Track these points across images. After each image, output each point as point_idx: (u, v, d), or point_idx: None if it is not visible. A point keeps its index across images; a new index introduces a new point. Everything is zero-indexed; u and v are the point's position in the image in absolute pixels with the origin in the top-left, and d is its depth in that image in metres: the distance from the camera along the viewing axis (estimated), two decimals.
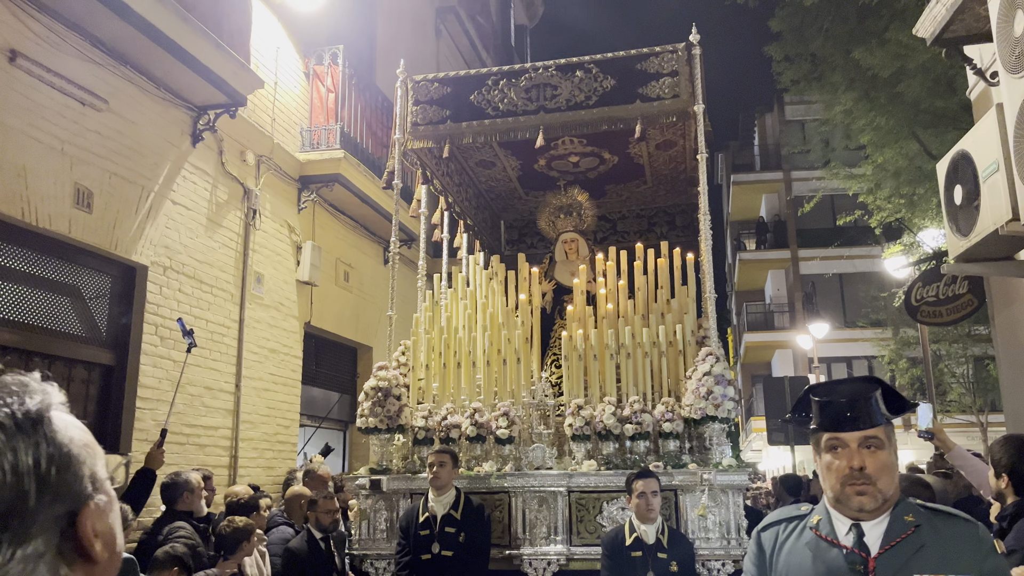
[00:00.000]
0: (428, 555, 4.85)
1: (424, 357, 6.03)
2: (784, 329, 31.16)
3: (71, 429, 0.92)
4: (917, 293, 7.87)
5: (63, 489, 0.87)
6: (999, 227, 5.25)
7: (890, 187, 13.71)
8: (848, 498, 1.93)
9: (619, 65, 5.88)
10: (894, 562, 1.87)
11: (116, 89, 6.28)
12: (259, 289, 8.16)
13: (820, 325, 24.77)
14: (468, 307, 6.37)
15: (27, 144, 5.47)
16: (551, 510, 5.29)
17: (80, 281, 6.20)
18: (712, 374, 5.16)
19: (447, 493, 4.97)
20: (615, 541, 4.63)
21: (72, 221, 5.84)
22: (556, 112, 5.89)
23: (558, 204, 7.24)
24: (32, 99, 5.54)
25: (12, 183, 5.34)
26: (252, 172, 8.12)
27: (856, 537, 1.93)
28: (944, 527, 1.91)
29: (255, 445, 7.96)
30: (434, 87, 6.22)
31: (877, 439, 1.93)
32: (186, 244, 7.09)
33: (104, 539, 0.91)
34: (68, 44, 5.82)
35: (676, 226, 8.03)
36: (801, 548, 2.01)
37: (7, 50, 5.35)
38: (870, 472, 1.90)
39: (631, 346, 5.60)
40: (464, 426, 5.54)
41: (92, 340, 6.26)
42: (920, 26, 6.73)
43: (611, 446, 5.36)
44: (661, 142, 6.78)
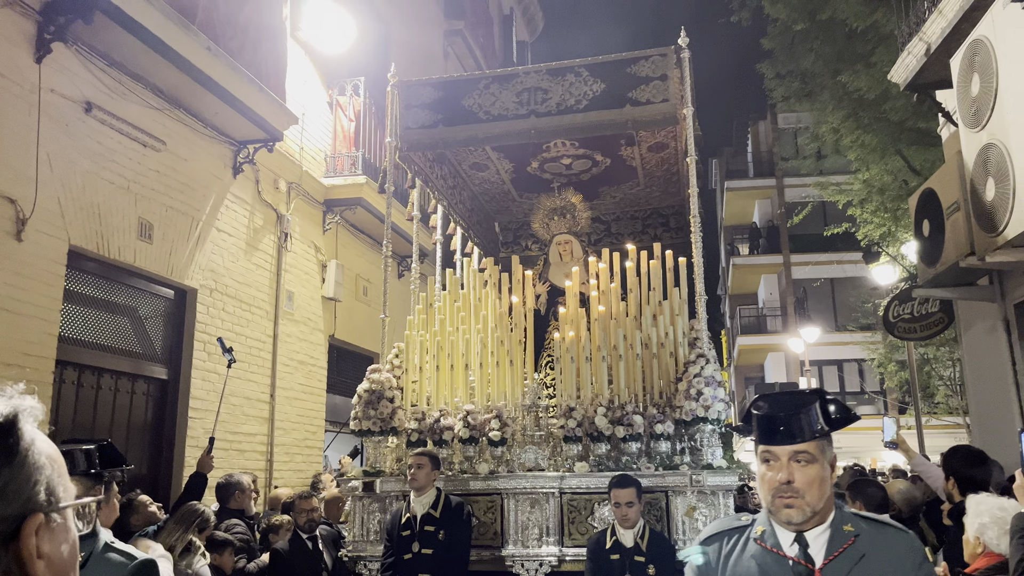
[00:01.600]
0: (409, 555, 4.86)
1: (417, 359, 5.97)
2: (776, 333, 31.67)
3: (39, 439, 0.89)
4: (894, 311, 8.61)
5: (10, 489, 0.83)
6: (960, 259, 5.98)
7: (876, 202, 14.37)
8: (778, 509, 1.98)
9: (609, 69, 5.82)
10: (839, 571, 1.92)
11: (171, 130, 6.98)
12: (290, 306, 8.86)
13: (811, 329, 25.38)
14: (462, 309, 6.36)
15: (100, 185, 6.17)
16: (543, 511, 5.27)
17: (140, 304, 6.89)
18: (703, 376, 5.16)
19: (427, 494, 4.98)
20: (598, 544, 4.69)
21: (136, 251, 6.54)
22: (547, 116, 5.85)
23: (552, 206, 7.25)
24: (103, 144, 6.23)
25: (89, 220, 6.04)
26: (284, 198, 8.82)
27: (801, 548, 1.97)
28: (880, 536, 1.99)
29: (287, 450, 8.65)
30: (426, 91, 6.18)
31: (807, 453, 1.95)
32: (228, 267, 7.79)
33: (50, 564, 0.85)
34: (132, 93, 6.51)
35: (670, 227, 8.01)
36: (747, 559, 2.03)
37: (83, 102, 6.04)
38: (798, 486, 1.94)
39: (623, 348, 5.55)
40: (457, 428, 5.51)
41: (150, 357, 6.95)
42: (894, 73, 7.46)
43: (603, 447, 5.32)
44: (653, 144, 6.76)
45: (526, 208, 7.89)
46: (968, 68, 5.73)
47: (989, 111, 5.40)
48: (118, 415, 6.54)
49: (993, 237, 5.35)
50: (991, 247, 5.41)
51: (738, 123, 39.06)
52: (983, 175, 5.45)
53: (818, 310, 30.52)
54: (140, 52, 6.21)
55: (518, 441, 5.55)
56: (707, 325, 5.60)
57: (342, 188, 9.70)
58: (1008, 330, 6.48)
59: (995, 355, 6.68)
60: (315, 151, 9.62)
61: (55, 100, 5.76)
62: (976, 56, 5.60)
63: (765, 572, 1.98)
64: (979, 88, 5.54)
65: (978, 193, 5.56)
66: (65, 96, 5.87)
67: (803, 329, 25.35)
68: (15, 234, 5.36)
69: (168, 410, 7.05)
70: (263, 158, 8.22)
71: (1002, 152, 5.19)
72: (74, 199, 5.91)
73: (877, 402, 29.87)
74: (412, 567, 4.83)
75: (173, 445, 7.00)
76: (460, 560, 4.90)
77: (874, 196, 14.09)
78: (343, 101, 9.93)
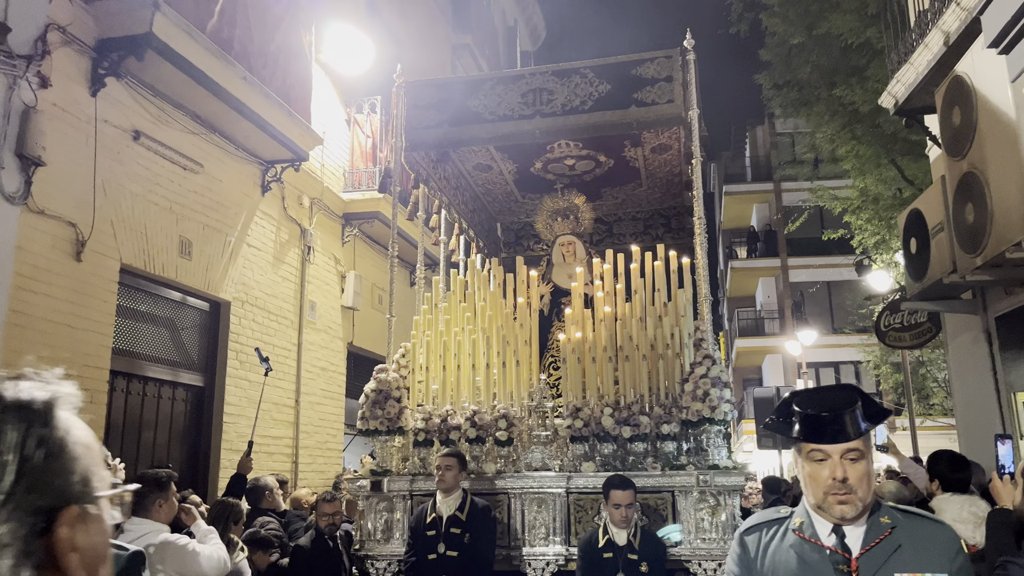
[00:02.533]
0: (434, 555, 4.88)
1: (423, 359, 5.97)
2: (774, 335, 31.92)
3: (75, 425, 0.87)
4: (885, 320, 9.09)
5: (46, 479, 0.81)
6: (943, 276, 6.47)
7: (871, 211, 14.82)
8: (831, 506, 2.01)
9: (614, 70, 5.82)
10: (874, 561, 1.96)
11: (208, 153, 7.45)
12: (312, 315, 9.34)
13: (808, 332, 25.78)
14: (467, 309, 6.38)
15: (146, 207, 6.64)
16: (550, 511, 5.28)
17: (179, 316, 7.36)
18: (709, 377, 5.14)
19: (454, 495, 4.99)
20: (589, 543, 4.70)
21: (178, 268, 7.01)
22: (552, 116, 5.85)
23: (555, 207, 7.27)
24: (149, 169, 6.71)
25: (137, 240, 6.51)
26: (307, 213, 9.30)
27: (838, 539, 2.01)
28: (917, 528, 2.02)
29: (310, 452, 9.13)
30: (431, 92, 6.16)
31: (857, 451, 2.00)
32: (257, 280, 8.26)
33: (84, 556, 0.83)
34: (175, 120, 6.99)
35: (672, 228, 8.04)
36: (785, 549, 2.07)
37: (132, 130, 6.52)
38: (852, 483, 1.98)
39: (628, 349, 5.56)
40: (464, 428, 5.53)
41: (188, 366, 7.42)
42: (884, 99, 7.94)
43: (609, 448, 5.33)
44: (656, 146, 6.77)
45: (528, 209, 7.94)
46: (950, 101, 6.21)
47: (969, 142, 5.89)
48: (161, 420, 7.01)
49: (973, 257, 5.83)
50: (971, 266, 5.90)
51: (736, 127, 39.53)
52: (963, 200, 5.94)
53: (815, 313, 30.92)
54: (183, 83, 6.69)
55: (524, 441, 5.55)
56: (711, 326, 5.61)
57: (360, 202, 10.17)
58: (990, 341, 6.97)
59: (978, 364, 7.17)
60: (335, 167, 10.10)
61: (108, 130, 6.23)
62: (958, 90, 6.08)
63: (804, 561, 2.03)
64: (960, 120, 6.03)
65: (959, 216, 6.04)
66: (116, 126, 6.34)
67: (800, 332, 25.81)
68: (75, 255, 5.84)
69: (204, 415, 7.52)
70: (289, 176, 8.70)
71: (981, 180, 5.67)
72: (124, 221, 6.38)
73: None
74: (436, 568, 4.84)
75: (210, 447, 7.48)
76: (485, 564, 4.89)
77: (868, 205, 14.54)
78: (360, 119, 10.41)
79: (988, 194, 5.57)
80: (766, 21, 14.12)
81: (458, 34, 15.19)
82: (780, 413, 2.16)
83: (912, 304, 7.42)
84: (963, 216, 5.95)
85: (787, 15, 13.67)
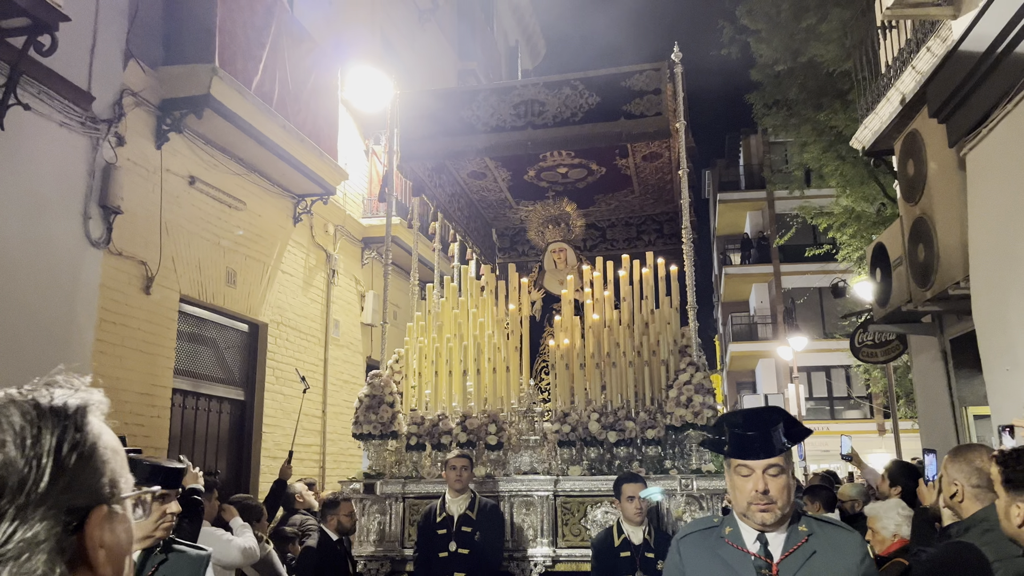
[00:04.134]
0: (445, 553, 4.98)
1: (416, 364, 6.07)
2: (767, 340, 32.60)
3: (104, 430, 0.92)
4: (859, 338, 10.02)
5: (79, 480, 0.86)
6: (902, 304, 7.36)
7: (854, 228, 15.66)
8: (753, 515, 2.21)
9: (604, 82, 5.92)
10: (793, 566, 2.16)
11: (249, 192, 8.33)
12: (336, 332, 10.21)
13: (799, 338, 26.56)
14: (460, 316, 6.49)
15: (199, 243, 7.52)
16: (538, 513, 5.37)
17: (224, 338, 8.24)
18: (692, 383, 5.26)
19: (464, 494, 5.11)
20: (605, 542, 4.74)
21: (225, 296, 7.89)
22: (544, 128, 5.94)
23: (547, 215, 7.39)
24: (202, 209, 7.58)
25: (192, 273, 7.39)
26: (331, 240, 10.18)
27: (762, 545, 2.22)
28: (831, 536, 2.23)
29: (335, 458, 10.00)
30: (427, 103, 6.28)
31: (778, 466, 2.20)
32: (290, 303, 9.14)
33: (110, 553, 0.89)
34: (222, 165, 7.87)
35: (664, 234, 8.16)
36: (715, 554, 2.27)
37: (188, 176, 7.39)
38: (772, 494, 2.18)
39: (616, 355, 5.65)
40: (455, 432, 5.61)
41: (231, 382, 8.30)
42: (854, 141, 8.85)
43: (595, 452, 5.42)
44: (647, 154, 6.88)
45: (522, 215, 8.06)
46: (906, 152, 7.11)
47: (920, 191, 6.78)
48: (210, 431, 7.88)
49: (924, 291, 6.72)
50: (923, 298, 6.79)
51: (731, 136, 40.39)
52: (916, 241, 6.83)
53: (807, 318, 31.68)
54: (232, 133, 7.56)
55: (514, 445, 5.65)
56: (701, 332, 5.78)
57: (377, 227, 11.03)
58: (946, 360, 7.86)
59: (937, 380, 8.06)
60: (355, 195, 10.97)
61: (169, 178, 7.11)
62: (912, 144, 6.98)
63: (730, 566, 2.23)
64: (913, 171, 6.92)
65: (913, 254, 6.93)
66: (176, 174, 7.22)
67: (791, 338, 26.66)
68: (145, 289, 6.71)
69: (246, 426, 8.39)
70: (317, 207, 9.57)
71: (929, 226, 6.57)
72: (182, 257, 7.26)
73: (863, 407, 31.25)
74: (447, 566, 4.96)
75: (251, 455, 8.35)
76: (494, 560, 5.06)
77: (852, 222, 15.40)
78: (378, 150, 11.28)
79: (935, 238, 6.46)
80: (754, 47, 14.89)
81: (464, 61, 16.05)
82: (714, 431, 2.41)
83: (878, 326, 8.33)
84: (916, 255, 6.85)
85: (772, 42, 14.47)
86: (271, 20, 7.95)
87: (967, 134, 5.63)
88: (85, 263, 6.04)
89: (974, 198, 5.65)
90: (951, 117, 5.77)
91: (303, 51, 8.64)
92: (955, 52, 5.52)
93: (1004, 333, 5.27)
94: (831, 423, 30.48)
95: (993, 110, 5.29)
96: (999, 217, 5.31)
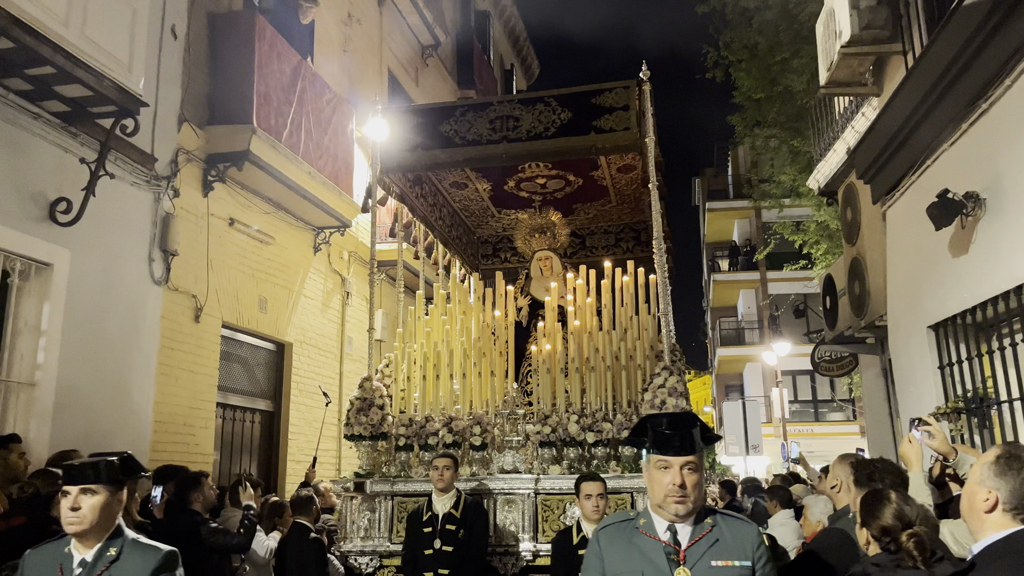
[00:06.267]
0: (431, 550, 5.16)
1: (406, 368, 6.36)
2: (754, 344, 33.46)
3: None
4: (818, 354, 11.21)
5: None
6: (844, 330, 8.54)
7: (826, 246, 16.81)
8: (668, 505, 2.43)
9: (576, 99, 6.20)
10: (698, 551, 2.41)
11: (277, 228, 9.48)
12: (350, 348, 11.35)
13: (783, 344, 27.52)
14: (447, 322, 6.81)
15: (237, 276, 8.67)
16: (519, 510, 5.61)
17: (255, 357, 9.38)
18: (666, 387, 5.50)
19: (449, 493, 5.31)
20: (564, 540, 4.93)
21: (257, 321, 9.03)
22: (518, 142, 6.21)
23: (533, 225, 7.68)
24: (239, 246, 8.73)
25: (231, 302, 8.53)
26: (345, 265, 11.33)
27: (672, 534, 2.45)
28: (732, 527, 2.49)
29: (350, 462, 11.14)
30: (407, 117, 6.61)
31: (694, 463, 2.42)
32: (311, 324, 10.28)
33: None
34: (255, 206, 9.01)
35: (641, 241, 8.43)
36: (631, 542, 2.50)
37: (228, 218, 8.53)
38: (688, 488, 2.41)
39: (595, 360, 5.90)
40: (441, 433, 5.86)
41: (260, 395, 9.44)
42: (811, 180, 10.02)
43: (575, 452, 5.69)
44: (621, 166, 7.17)
45: (505, 223, 8.46)
46: (846, 200, 8.29)
47: (857, 235, 7.96)
48: (244, 439, 9.03)
49: (860, 320, 7.91)
50: (859, 325, 7.97)
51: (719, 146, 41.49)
52: (853, 277, 8.01)
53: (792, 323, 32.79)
54: (266, 180, 8.71)
55: (497, 445, 5.89)
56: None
57: (385, 252, 12.17)
58: (886, 376, 9.04)
59: (879, 392, 9.25)
60: (365, 222, 12.11)
61: (214, 221, 8.26)
62: (850, 193, 8.16)
63: (643, 552, 2.46)
64: (851, 217, 8.10)
65: (852, 288, 8.11)
66: (219, 217, 8.36)
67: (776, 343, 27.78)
68: (195, 319, 7.86)
69: (273, 434, 9.54)
70: (334, 238, 10.72)
71: (863, 266, 7.75)
72: (224, 288, 8.40)
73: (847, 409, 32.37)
74: (433, 562, 5.14)
75: (278, 459, 9.49)
76: (479, 557, 5.26)
77: (824, 240, 16.55)
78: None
79: (867, 277, 7.65)
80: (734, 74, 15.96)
81: (463, 90, 17.18)
82: (636, 431, 2.61)
83: (827, 346, 9.52)
84: (854, 289, 8.04)
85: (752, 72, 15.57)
86: (297, 79, 9.10)
87: (886, 194, 6.80)
88: (149, 299, 7.19)
89: (891, 249, 6.83)
90: (874, 179, 6.93)
91: (323, 103, 9.79)
92: (875, 126, 6.68)
93: (908, 359, 6.46)
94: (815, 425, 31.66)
95: (903, 177, 6.46)
96: (909, 268, 6.49)
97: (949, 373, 5.90)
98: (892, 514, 2.94)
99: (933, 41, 5.37)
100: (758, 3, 15.25)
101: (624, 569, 2.45)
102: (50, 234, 6.05)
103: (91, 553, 2.83)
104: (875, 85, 7.10)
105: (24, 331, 5.93)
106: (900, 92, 6.10)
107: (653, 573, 2.40)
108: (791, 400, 31.01)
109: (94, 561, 2.81)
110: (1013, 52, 4.64)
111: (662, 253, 6.05)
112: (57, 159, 6.15)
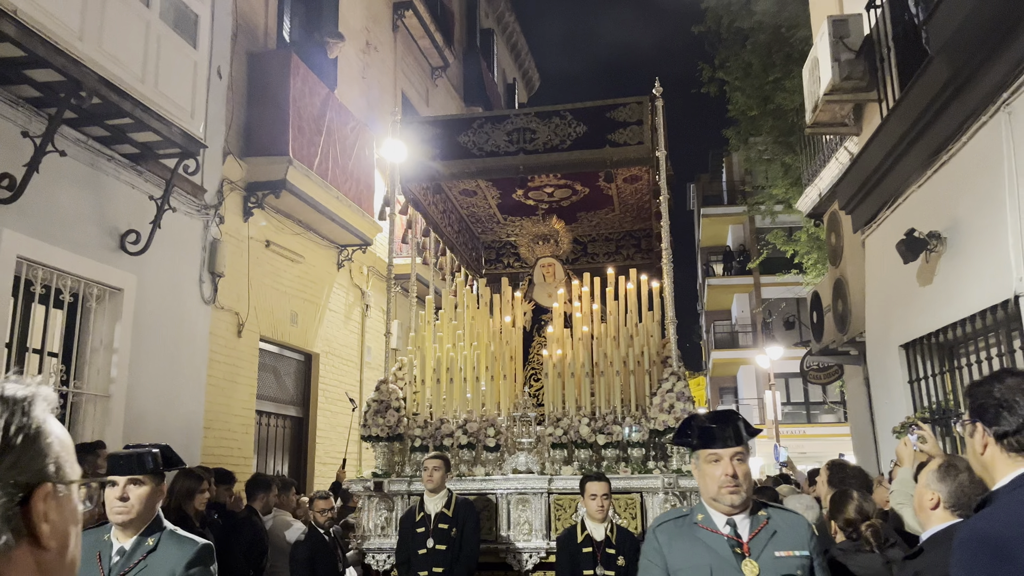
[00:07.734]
0: (424, 549, 5.27)
1: (418, 372, 6.56)
2: (748, 348, 34.04)
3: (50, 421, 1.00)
4: (807, 363, 12.01)
5: (24, 459, 0.94)
6: (829, 344, 9.33)
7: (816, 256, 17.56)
8: (723, 497, 2.50)
9: (591, 113, 6.36)
10: (760, 543, 2.48)
11: (305, 247, 10.24)
12: (369, 357, 12.11)
13: (775, 347, 28.24)
14: (458, 327, 7.01)
15: (271, 293, 9.42)
16: (532, 509, 5.74)
17: (285, 367, 10.14)
18: (674, 391, 5.69)
19: (440, 493, 5.40)
20: (569, 538, 5.06)
21: (289, 334, 9.79)
22: (535, 154, 6.36)
23: (537, 232, 7.87)
24: (274, 266, 9.48)
25: (269, 318, 9.29)
26: (365, 279, 12.09)
27: (732, 528, 2.51)
28: (785, 519, 2.59)
29: (369, 464, 11.90)
30: (425, 129, 6.77)
31: (742, 453, 2.53)
32: (335, 335, 11.04)
33: (55, 528, 0.96)
34: (287, 228, 9.77)
35: (641, 249, 8.69)
36: (691, 537, 2.54)
37: (264, 240, 9.29)
38: (740, 478, 2.49)
39: (604, 365, 6.06)
40: (456, 435, 6.03)
41: (290, 402, 10.20)
42: (800, 203, 10.81)
43: (586, 453, 5.84)
44: (628, 176, 7.36)
45: (509, 229, 8.70)
46: (830, 225, 9.08)
47: (840, 257, 8.75)
48: (277, 443, 9.78)
49: (842, 335, 8.69)
50: (841, 340, 8.76)
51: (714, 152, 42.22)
52: (837, 296, 8.80)
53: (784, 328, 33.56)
54: (298, 204, 9.47)
55: (510, 447, 6.06)
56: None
57: (401, 266, 12.93)
58: (867, 385, 9.83)
59: (861, 401, 10.04)
60: (384, 238, 12.87)
61: (253, 244, 9.02)
62: (834, 220, 8.95)
63: (708, 546, 2.49)
64: (835, 241, 8.89)
65: (835, 305, 8.90)
66: (257, 239, 9.12)
67: (768, 347, 28.52)
68: (237, 334, 8.61)
69: (302, 438, 10.30)
70: (356, 254, 11.47)
71: (845, 286, 8.53)
72: (261, 305, 9.16)
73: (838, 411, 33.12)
74: (426, 561, 5.26)
75: (306, 462, 10.25)
76: (471, 555, 5.34)
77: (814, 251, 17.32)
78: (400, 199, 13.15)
79: (849, 297, 8.44)
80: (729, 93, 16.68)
81: (469, 106, 17.95)
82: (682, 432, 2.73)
83: (814, 358, 10.31)
84: (837, 306, 8.83)
85: (745, 90, 16.30)
86: (326, 110, 9.86)
87: (864, 225, 7.58)
88: (200, 318, 7.94)
89: (870, 274, 7.62)
90: (854, 211, 7.71)
91: (348, 130, 10.55)
92: (855, 164, 7.47)
93: (883, 373, 7.25)
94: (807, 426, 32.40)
95: (880, 211, 7.25)
96: (885, 293, 7.28)
97: (918, 387, 6.69)
98: (854, 509, 3.75)
99: (904, 96, 6.16)
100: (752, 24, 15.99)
101: (690, 564, 2.50)
102: (120, 262, 6.81)
103: (130, 542, 2.86)
104: (855, 125, 7.88)
105: (100, 349, 6.69)
106: (876, 137, 6.88)
107: (720, 566, 2.44)
108: (784, 402, 31.71)
109: (132, 551, 2.84)
110: (968, 116, 5.42)
111: (670, 261, 6.23)
112: (127, 195, 6.90)
